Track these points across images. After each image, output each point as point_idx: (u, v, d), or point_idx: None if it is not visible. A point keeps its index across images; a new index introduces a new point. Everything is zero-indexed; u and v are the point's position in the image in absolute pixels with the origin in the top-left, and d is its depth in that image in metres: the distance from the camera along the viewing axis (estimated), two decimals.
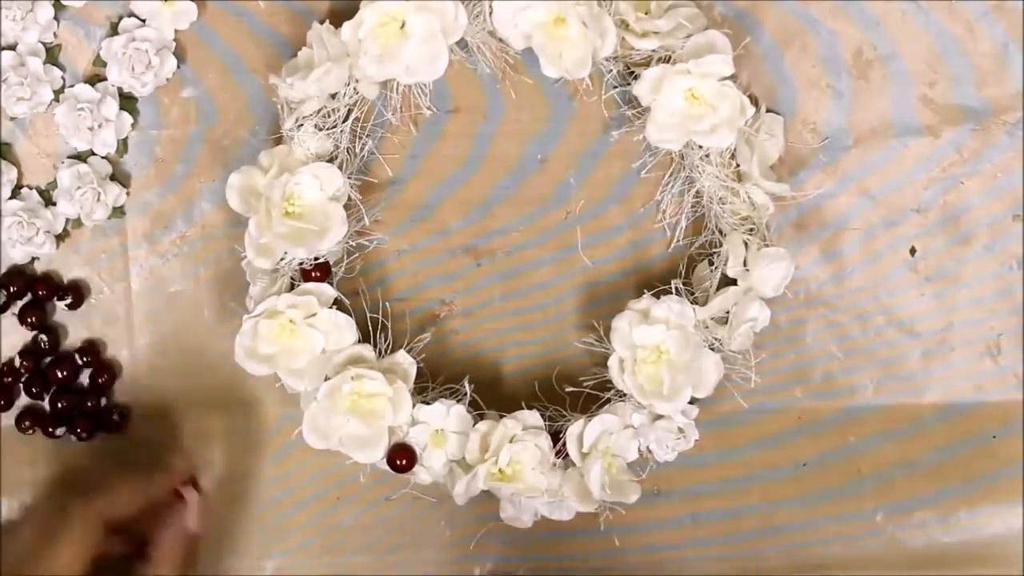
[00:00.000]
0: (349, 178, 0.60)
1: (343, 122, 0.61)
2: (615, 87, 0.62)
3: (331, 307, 0.60)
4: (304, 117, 0.60)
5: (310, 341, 0.59)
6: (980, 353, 0.65)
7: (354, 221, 0.61)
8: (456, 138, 0.64)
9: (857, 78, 0.64)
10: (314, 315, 0.59)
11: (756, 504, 0.65)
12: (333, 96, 0.60)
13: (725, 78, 0.59)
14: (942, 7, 0.64)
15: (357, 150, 0.62)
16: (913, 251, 0.65)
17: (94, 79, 0.63)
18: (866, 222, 0.64)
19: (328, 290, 0.60)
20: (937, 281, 0.65)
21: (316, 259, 0.60)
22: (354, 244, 0.62)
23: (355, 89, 0.60)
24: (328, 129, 0.60)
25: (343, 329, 0.60)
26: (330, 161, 0.60)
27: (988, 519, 0.65)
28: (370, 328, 0.61)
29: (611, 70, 0.62)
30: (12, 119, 0.63)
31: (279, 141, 0.61)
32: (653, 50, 0.60)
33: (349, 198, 0.61)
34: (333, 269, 0.61)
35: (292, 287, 0.61)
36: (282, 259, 0.60)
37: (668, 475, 0.64)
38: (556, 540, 0.65)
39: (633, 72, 0.61)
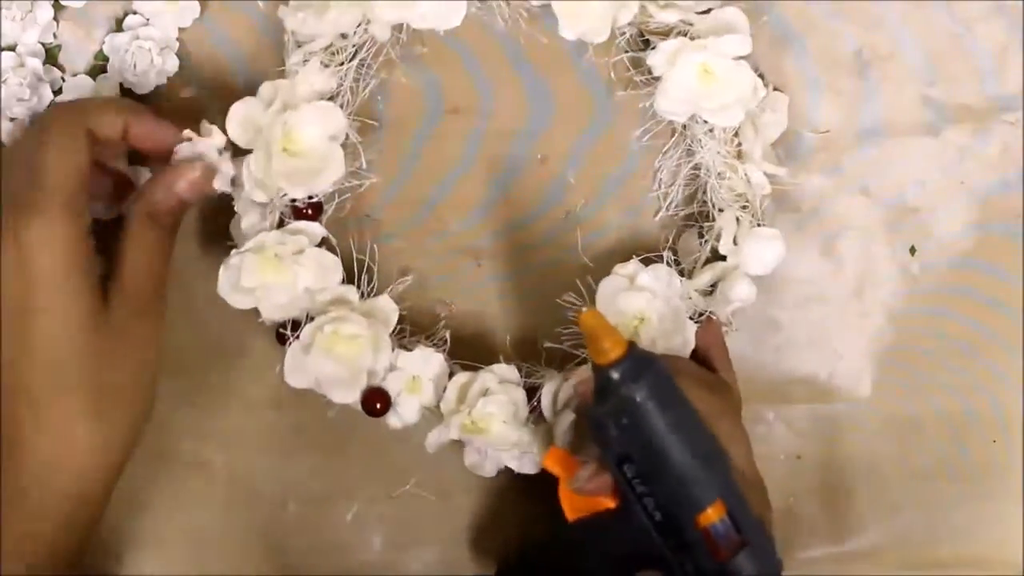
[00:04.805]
0: (348, 117, 0.60)
1: (349, 61, 0.60)
2: (626, 51, 0.62)
3: (319, 246, 0.60)
4: (311, 53, 0.59)
5: (294, 277, 0.59)
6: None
7: (350, 160, 0.60)
8: (455, 138, 0.64)
9: (857, 78, 0.64)
10: (300, 252, 0.59)
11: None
12: (343, 36, 0.60)
13: (740, 57, 0.59)
14: (942, 7, 0.64)
15: (360, 90, 0.62)
16: (913, 251, 0.65)
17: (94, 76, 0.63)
18: (866, 222, 0.64)
19: (318, 229, 0.60)
20: None
21: (310, 198, 0.60)
22: (347, 184, 0.61)
23: (366, 29, 0.60)
24: (335, 67, 0.60)
25: (328, 269, 0.59)
26: (331, 99, 0.60)
27: (988, 519, 0.65)
28: (355, 269, 0.61)
29: (624, 32, 0.61)
30: (12, 119, 0.63)
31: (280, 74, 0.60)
32: (672, 24, 0.59)
33: (347, 136, 0.60)
34: (324, 207, 0.61)
35: (281, 223, 0.60)
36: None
37: None
38: None
39: (647, 39, 0.61)
